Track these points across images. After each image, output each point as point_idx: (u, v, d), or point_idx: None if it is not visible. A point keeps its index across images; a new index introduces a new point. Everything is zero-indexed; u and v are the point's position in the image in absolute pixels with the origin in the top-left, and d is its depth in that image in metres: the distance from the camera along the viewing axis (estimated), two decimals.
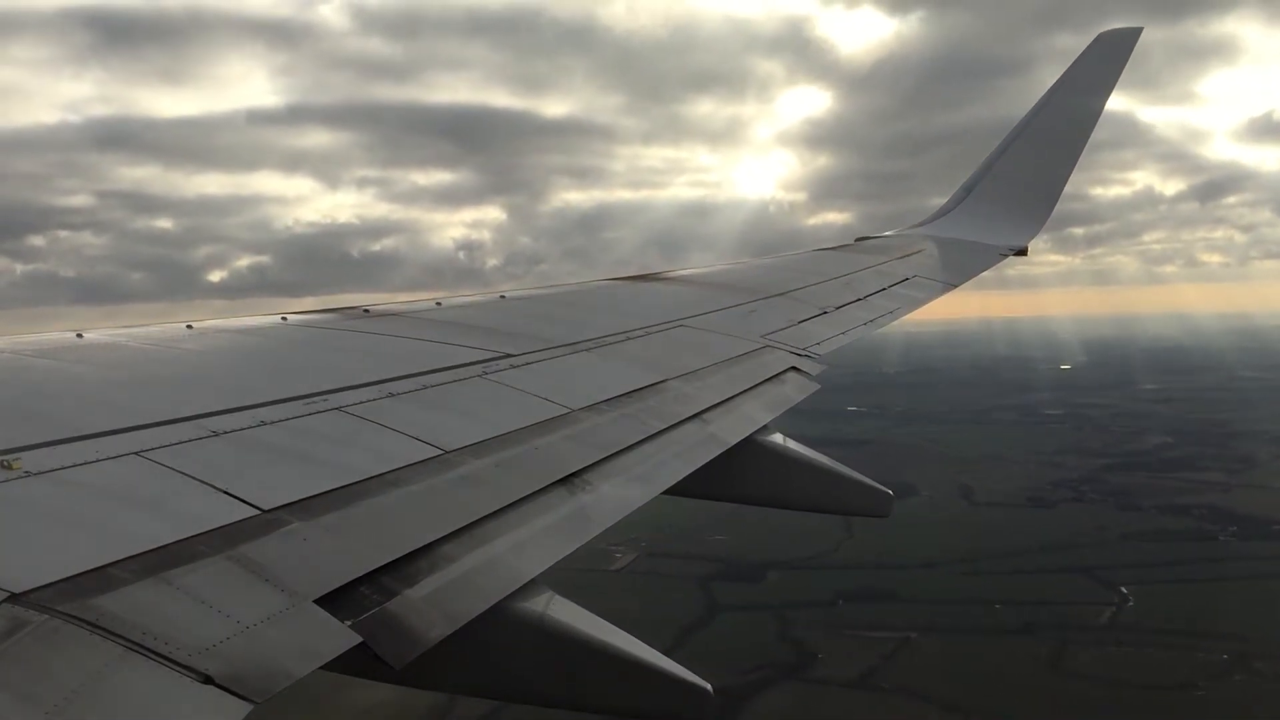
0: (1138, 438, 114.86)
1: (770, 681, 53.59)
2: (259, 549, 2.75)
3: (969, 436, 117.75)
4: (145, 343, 4.68)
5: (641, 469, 4.32)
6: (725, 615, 62.89)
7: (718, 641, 57.64)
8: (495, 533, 3.36)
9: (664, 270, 9.29)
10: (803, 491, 5.61)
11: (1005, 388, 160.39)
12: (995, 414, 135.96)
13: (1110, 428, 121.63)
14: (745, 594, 66.30)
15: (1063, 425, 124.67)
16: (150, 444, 3.20)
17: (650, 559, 73.95)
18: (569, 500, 3.80)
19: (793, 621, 61.81)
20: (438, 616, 2.83)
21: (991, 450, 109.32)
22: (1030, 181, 12.53)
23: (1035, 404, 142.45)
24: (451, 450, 3.76)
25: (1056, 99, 12.83)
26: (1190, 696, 50.70)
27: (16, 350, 4.18)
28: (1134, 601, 64.09)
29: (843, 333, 7.70)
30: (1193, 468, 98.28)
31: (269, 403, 3.81)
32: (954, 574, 69.30)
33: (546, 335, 5.76)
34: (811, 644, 58.32)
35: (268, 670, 2.31)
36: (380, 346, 5.15)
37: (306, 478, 3.24)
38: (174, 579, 2.50)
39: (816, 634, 59.54)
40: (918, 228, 12.43)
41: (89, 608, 2.26)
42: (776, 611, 63.24)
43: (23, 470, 2.84)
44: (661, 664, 3.41)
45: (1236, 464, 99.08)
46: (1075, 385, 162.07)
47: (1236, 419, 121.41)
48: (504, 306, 6.81)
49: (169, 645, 2.24)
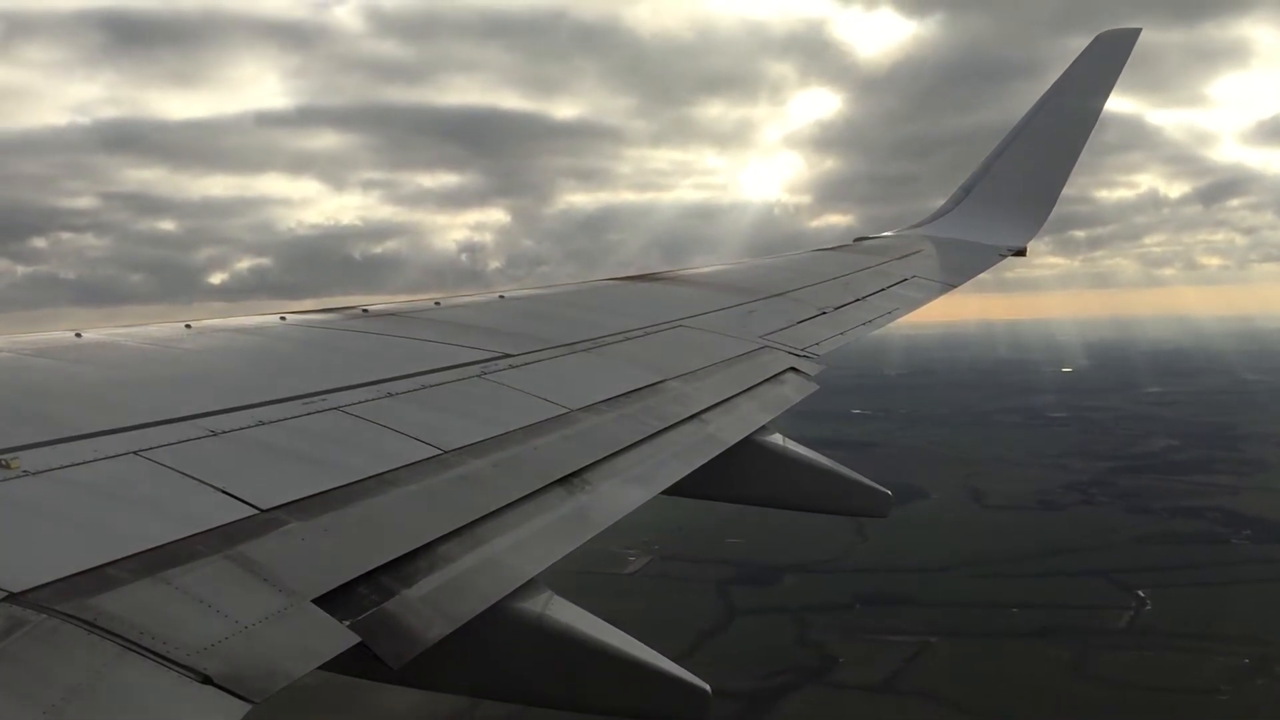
0: (1143, 440, 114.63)
1: (793, 686, 53.28)
2: (257, 548, 2.75)
3: (974, 439, 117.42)
4: (144, 342, 4.67)
5: (640, 469, 4.31)
6: (742, 619, 62.59)
7: (737, 645, 57.38)
8: (494, 533, 3.35)
9: (663, 270, 9.23)
10: (802, 492, 5.59)
11: (1007, 390, 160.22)
12: (998, 416, 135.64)
13: (1115, 430, 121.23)
14: (761, 597, 65.94)
15: (1067, 428, 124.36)
16: (149, 443, 3.20)
17: (663, 562, 73.74)
18: (568, 500, 3.79)
19: (810, 625, 61.33)
20: (436, 616, 2.83)
21: (997, 453, 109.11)
22: (1029, 182, 12.50)
23: (1039, 406, 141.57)
24: (450, 450, 3.76)
25: (1055, 100, 12.80)
26: (1214, 701, 50.45)
27: (15, 350, 4.17)
28: (1151, 605, 63.78)
29: (841, 333, 7.66)
30: (1202, 470, 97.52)
31: (268, 402, 3.81)
32: (969, 577, 68.64)
33: (545, 335, 5.76)
34: (831, 648, 57.68)
35: (266, 670, 2.31)
36: (379, 346, 5.14)
37: (305, 477, 3.24)
38: (172, 578, 2.49)
39: (835, 638, 58.85)
40: (916, 228, 12.39)
41: (87, 607, 2.25)
42: (794, 615, 62.67)
43: (21, 470, 2.83)
44: (661, 664, 3.40)
45: (1245, 467, 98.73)
46: (1077, 388, 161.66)
47: (1243, 422, 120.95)
48: (503, 307, 6.79)
49: (167, 645, 2.23)
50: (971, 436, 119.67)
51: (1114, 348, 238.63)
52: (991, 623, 61.18)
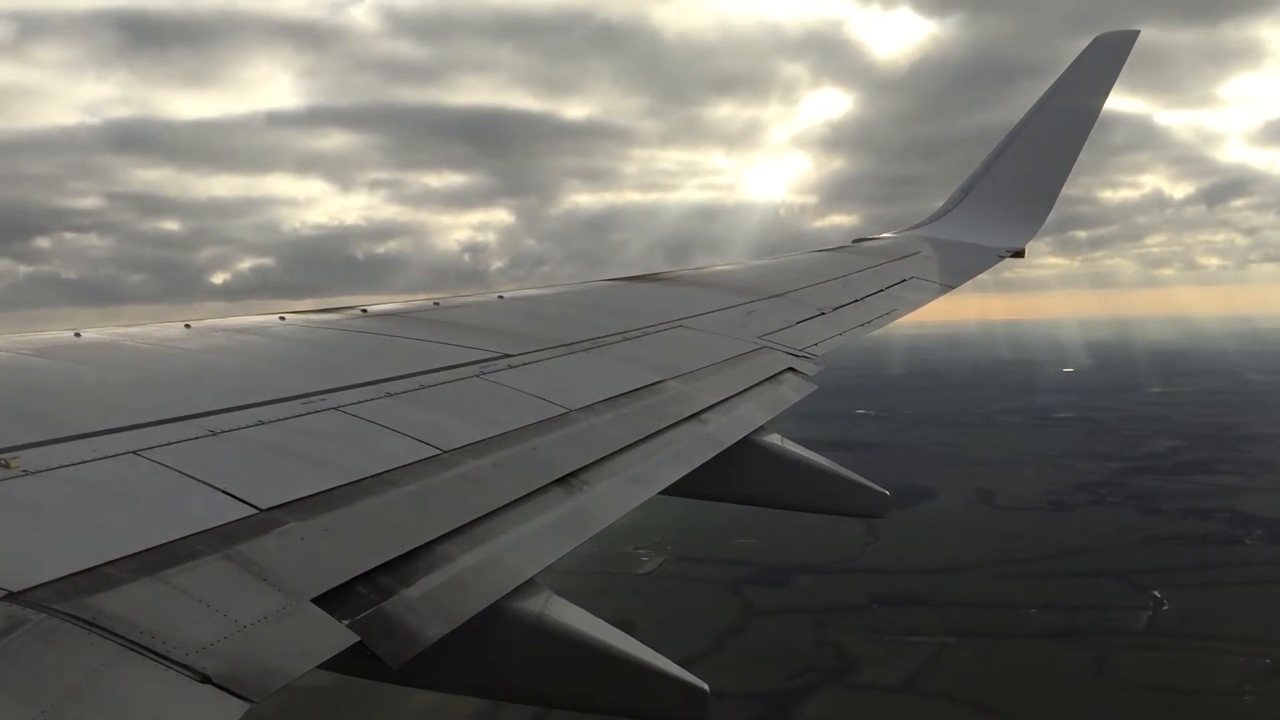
0: (1149, 441, 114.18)
1: (814, 686, 53.07)
2: (257, 548, 2.75)
3: (980, 440, 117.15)
4: (143, 342, 4.68)
5: (639, 469, 4.32)
6: (760, 620, 62.27)
7: (756, 646, 57.18)
8: (492, 532, 3.36)
9: (662, 271, 9.25)
10: (800, 492, 5.61)
11: (1010, 391, 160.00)
12: (1002, 417, 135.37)
13: (1121, 431, 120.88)
14: (777, 598, 65.62)
15: (1072, 428, 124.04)
16: (148, 443, 3.20)
17: (678, 563, 73.51)
18: (566, 500, 3.80)
19: (828, 626, 60.96)
20: (435, 616, 2.84)
21: (1004, 454, 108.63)
22: (1027, 183, 12.50)
23: (1043, 407, 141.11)
24: (449, 450, 3.77)
25: (1054, 101, 12.78)
26: (1240, 702, 50.24)
27: (14, 349, 4.18)
28: (1169, 606, 63.55)
29: (840, 334, 7.67)
30: (1209, 471, 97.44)
31: (267, 402, 3.82)
32: (983, 578, 68.56)
33: (544, 335, 5.77)
34: (850, 648, 57.72)
35: (265, 669, 2.31)
36: (378, 346, 5.16)
37: (304, 477, 3.24)
38: (171, 578, 2.50)
39: (854, 639, 58.86)
40: (915, 229, 12.36)
41: (86, 606, 2.25)
42: (812, 616, 62.45)
43: (20, 469, 2.83)
44: (659, 664, 3.40)
45: (1252, 467, 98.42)
46: (1081, 388, 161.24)
47: (1248, 422, 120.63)
48: (502, 307, 6.81)
49: (166, 644, 2.24)
50: (977, 437, 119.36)
51: (1114, 348, 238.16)
52: (1010, 624, 60.88)
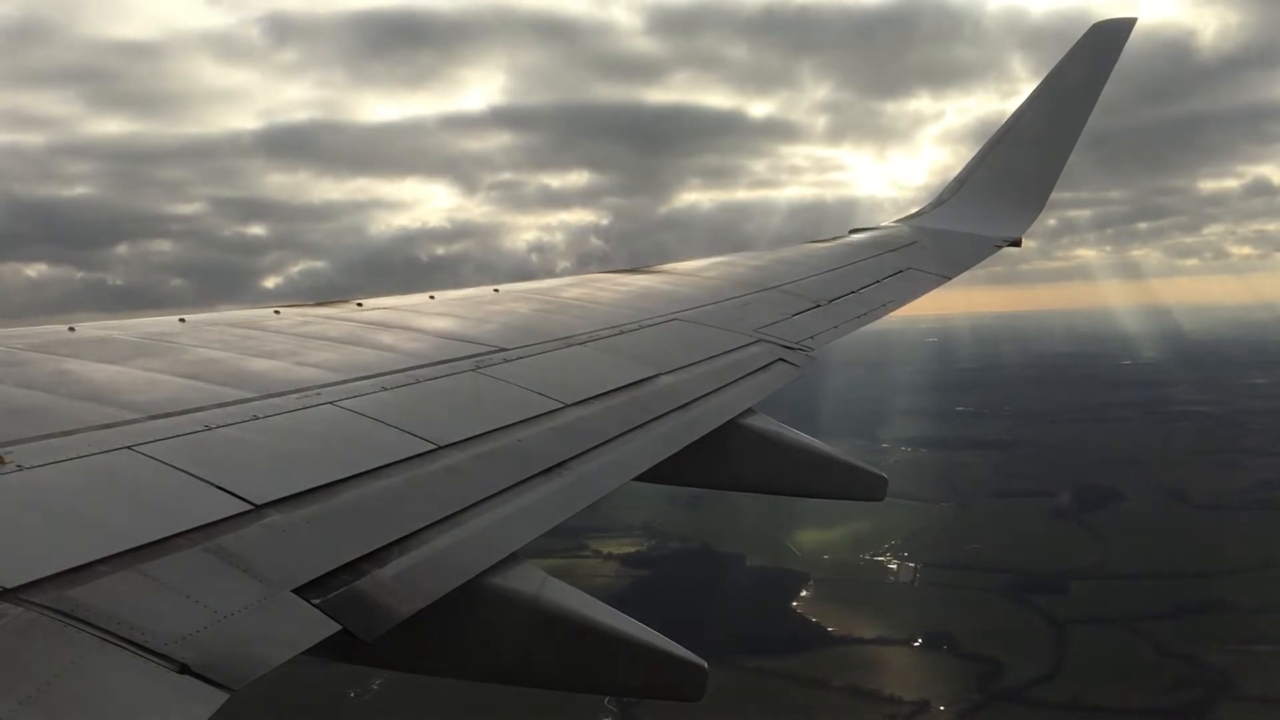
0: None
1: (1208, 699, 50.73)
2: (245, 541, 2.75)
3: (1108, 435, 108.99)
4: (137, 336, 4.70)
5: (621, 453, 4.33)
6: (1075, 629, 60.01)
7: (1099, 657, 54.96)
8: (476, 519, 3.37)
9: (658, 264, 9.27)
10: (795, 477, 5.63)
11: (1100, 384, 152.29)
12: (1110, 411, 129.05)
13: (1253, 425, 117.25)
14: (1071, 607, 63.43)
15: (1197, 422, 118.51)
16: (142, 438, 3.19)
17: (929, 569, 70.90)
18: (550, 483, 3.81)
19: (1151, 635, 58.71)
20: (409, 593, 2.84)
21: (1152, 450, 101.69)
22: (1024, 173, 12.47)
23: (1150, 401, 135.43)
24: (444, 444, 3.77)
25: (1050, 91, 12.69)
26: None
27: (8, 344, 4.22)
28: None
29: (835, 326, 7.67)
30: None
31: (262, 397, 3.81)
32: (1260, 581, 65.89)
33: (540, 329, 5.82)
34: (1207, 659, 55.36)
35: (244, 658, 2.31)
36: (374, 339, 5.16)
37: (298, 472, 3.24)
38: (153, 571, 2.50)
39: (1200, 649, 56.36)
40: (912, 219, 12.32)
41: (65, 599, 2.26)
42: (1123, 625, 60.11)
43: (14, 464, 2.82)
44: (657, 642, 3.43)
45: None
46: (1173, 381, 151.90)
47: None
48: (498, 300, 6.83)
49: (145, 635, 2.24)
50: (1103, 433, 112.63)
51: (1165, 340, 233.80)
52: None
